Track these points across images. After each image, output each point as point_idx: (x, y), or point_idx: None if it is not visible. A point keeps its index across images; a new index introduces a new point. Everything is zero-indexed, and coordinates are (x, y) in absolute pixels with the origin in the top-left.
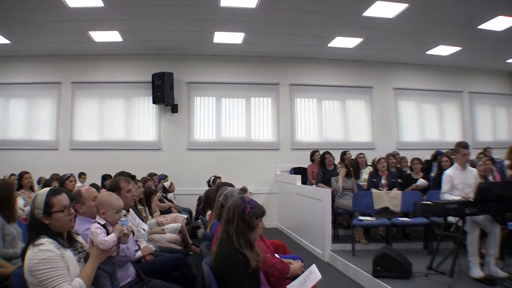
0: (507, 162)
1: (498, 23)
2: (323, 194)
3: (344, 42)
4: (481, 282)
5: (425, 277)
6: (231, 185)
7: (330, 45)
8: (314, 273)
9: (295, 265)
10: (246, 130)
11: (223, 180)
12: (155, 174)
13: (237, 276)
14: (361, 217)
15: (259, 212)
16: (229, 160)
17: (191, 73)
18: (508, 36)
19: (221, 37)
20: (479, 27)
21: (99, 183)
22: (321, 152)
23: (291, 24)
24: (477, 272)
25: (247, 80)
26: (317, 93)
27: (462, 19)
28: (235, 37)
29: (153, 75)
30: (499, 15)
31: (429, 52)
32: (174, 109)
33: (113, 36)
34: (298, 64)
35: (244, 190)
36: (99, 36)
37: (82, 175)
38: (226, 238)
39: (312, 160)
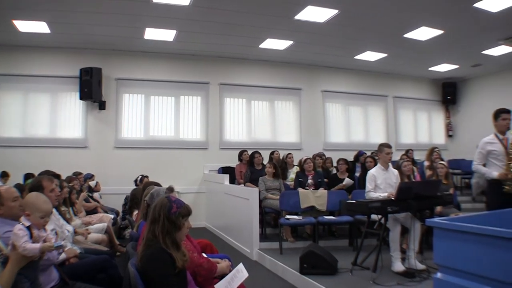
0: (426, 163)
1: (422, 33)
2: (251, 193)
3: (275, 44)
4: (402, 275)
5: (351, 272)
6: (158, 184)
7: (261, 46)
8: (241, 272)
9: (223, 264)
10: (175, 128)
11: (151, 179)
12: (81, 173)
13: (163, 277)
14: (288, 216)
15: (185, 211)
16: (157, 159)
17: (120, 69)
18: (430, 46)
19: (152, 34)
20: (404, 35)
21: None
22: (249, 151)
23: (224, 24)
24: (398, 266)
25: (177, 78)
26: (247, 93)
27: (389, 27)
28: (167, 34)
29: (81, 70)
30: (423, 26)
31: (357, 57)
32: (102, 105)
33: (40, 27)
34: (229, 64)
35: (170, 189)
36: (25, 26)
37: (4, 175)
38: (152, 238)
39: (240, 159)
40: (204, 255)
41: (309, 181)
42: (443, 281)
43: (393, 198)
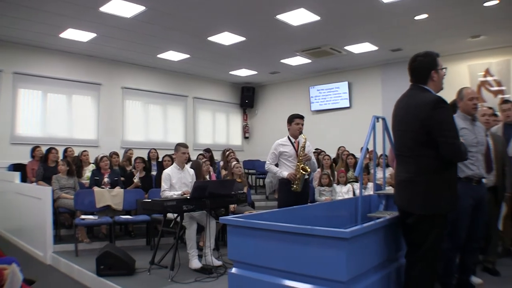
0: (222, 163)
1: (225, 38)
2: (43, 192)
3: (77, 35)
4: (200, 271)
5: (148, 271)
6: None
7: (62, 36)
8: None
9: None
10: None
11: None
12: None
13: None
14: (83, 216)
15: None
16: None
17: None
18: (232, 51)
19: None
20: (208, 38)
21: None
22: (43, 148)
23: (21, 7)
24: (196, 263)
25: None
26: (43, 85)
27: (194, 29)
28: None
29: None
30: (226, 31)
31: (160, 56)
32: None
33: None
34: (25, 51)
35: None
36: None
37: None
38: None
39: (32, 156)
40: None
41: (105, 179)
42: (238, 275)
43: (187, 197)
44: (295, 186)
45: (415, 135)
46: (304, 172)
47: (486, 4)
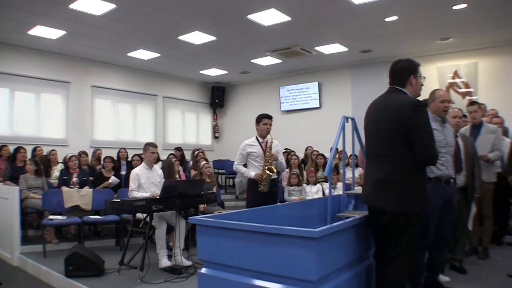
0: (191, 163)
1: (195, 37)
2: (11, 192)
3: (46, 32)
4: (169, 272)
5: (118, 272)
6: None
7: (30, 32)
8: None
9: None
10: None
11: None
12: None
13: None
14: (51, 216)
15: None
16: None
17: None
18: (203, 50)
19: None
20: (179, 37)
21: None
22: (10, 146)
23: None
24: (165, 263)
25: None
26: (11, 82)
27: (164, 28)
28: None
29: None
30: (197, 30)
31: (130, 54)
32: None
33: None
34: None
35: None
36: None
37: None
38: None
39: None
40: None
41: (74, 179)
42: (207, 275)
43: (157, 197)
44: (261, 187)
45: (395, 135)
46: (270, 173)
47: (455, 7)
